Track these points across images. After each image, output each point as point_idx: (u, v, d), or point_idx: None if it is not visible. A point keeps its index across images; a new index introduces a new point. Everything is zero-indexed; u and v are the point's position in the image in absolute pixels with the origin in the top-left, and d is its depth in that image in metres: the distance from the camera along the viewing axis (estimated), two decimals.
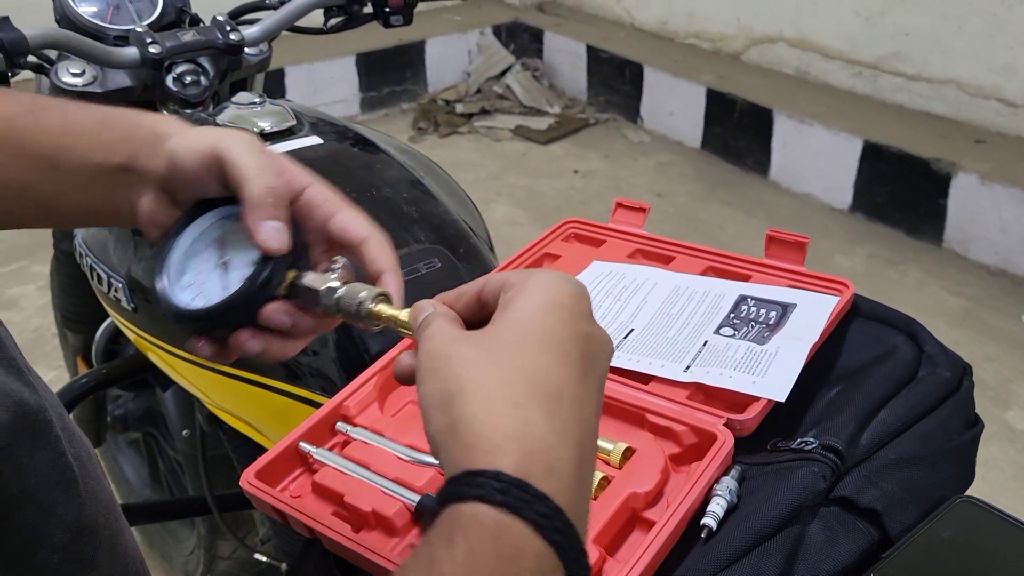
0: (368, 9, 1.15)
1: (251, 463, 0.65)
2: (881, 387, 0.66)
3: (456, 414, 0.38)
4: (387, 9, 1.13)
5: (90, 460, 0.43)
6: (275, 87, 3.45)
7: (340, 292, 0.51)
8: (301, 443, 0.68)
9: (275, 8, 1.13)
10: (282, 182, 0.51)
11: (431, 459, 0.65)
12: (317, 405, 0.81)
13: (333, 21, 1.16)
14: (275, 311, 0.51)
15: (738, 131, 3.24)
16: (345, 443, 0.70)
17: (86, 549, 0.37)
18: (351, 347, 0.80)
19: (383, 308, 0.51)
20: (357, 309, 0.50)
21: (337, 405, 0.71)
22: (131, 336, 1.01)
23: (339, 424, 0.70)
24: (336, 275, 0.52)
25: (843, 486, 0.59)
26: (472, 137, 3.58)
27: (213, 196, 0.53)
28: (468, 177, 3.21)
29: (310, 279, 0.52)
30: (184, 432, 1.20)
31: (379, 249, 0.53)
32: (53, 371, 2.10)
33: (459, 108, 3.73)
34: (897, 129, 2.90)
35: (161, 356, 0.97)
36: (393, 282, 0.53)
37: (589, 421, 0.41)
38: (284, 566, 1.08)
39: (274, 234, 0.49)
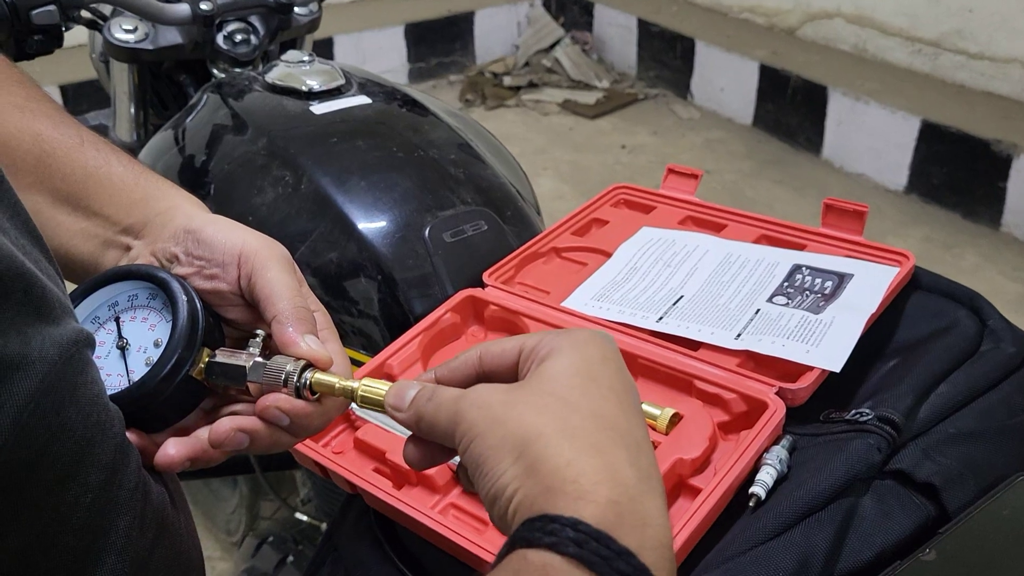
0: None
1: None
2: (941, 360, 0.64)
3: (535, 455, 0.35)
4: None
5: None
6: (323, 55, 3.44)
7: (269, 364, 0.45)
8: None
9: None
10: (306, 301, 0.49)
11: None
12: (359, 364, 0.81)
13: None
14: (229, 431, 0.44)
15: (791, 108, 3.17)
16: None
17: (119, 492, 0.36)
18: (395, 307, 0.80)
19: (320, 377, 0.45)
20: (287, 378, 0.45)
21: (380, 363, 0.70)
22: None
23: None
24: (256, 348, 0.47)
25: (899, 459, 0.57)
26: (519, 110, 3.55)
27: (206, 281, 0.49)
28: (514, 151, 3.16)
29: (229, 355, 0.46)
30: None
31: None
32: None
33: (507, 81, 3.70)
34: (957, 109, 2.82)
35: None
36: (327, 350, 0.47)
37: (658, 472, 0.38)
38: (325, 526, 1.08)
39: (317, 346, 0.46)
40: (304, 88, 0.94)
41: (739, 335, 0.67)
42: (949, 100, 2.89)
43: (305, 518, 1.09)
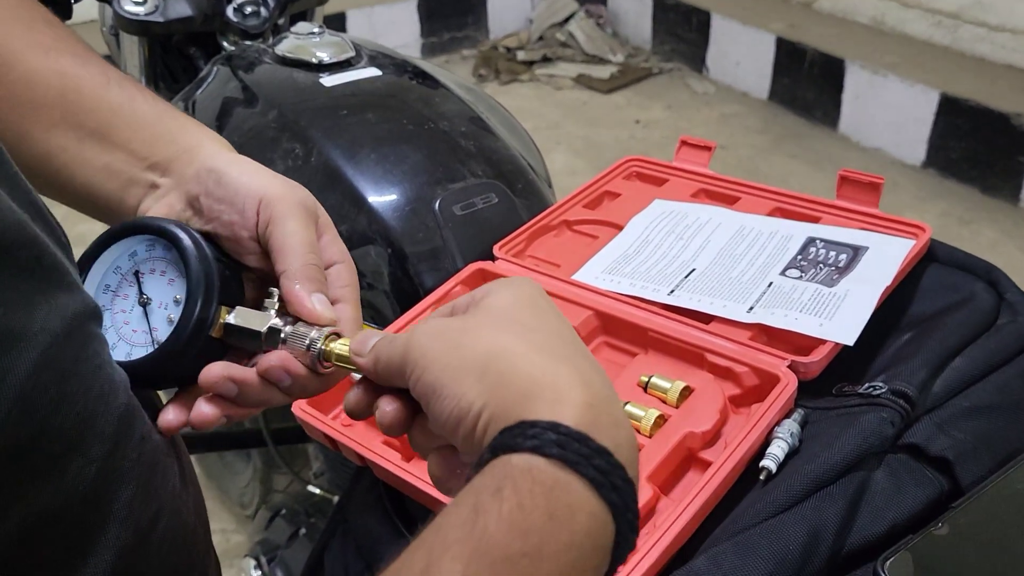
0: None
1: None
2: (957, 334, 0.63)
3: (504, 368, 0.35)
4: None
5: None
6: (335, 30, 3.43)
7: (287, 331, 0.44)
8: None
9: None
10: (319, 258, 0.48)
11: None
12: None
13: None
14: (219, 378, 0.43)
15: (808, 82, 3.13)
16: None
17: (123, 463, 0.36)
18: (405, 280, 0.79)
19: (337, 347, 0.44)
20: (307, 349, 0.44)
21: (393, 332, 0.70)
22: None
23: None
24: (274, 310, 0.45)
25: (912, 433, 0.56)
26: (533, 85, 3.53)
27: (225, 227, 0.47)
28: (528, 125, 3.14)
29: (245, 317, 0.45)
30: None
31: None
32: None
33: (520, 55, 3.67)
34: (976, 82, 2.78)
35: None
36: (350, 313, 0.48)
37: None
38: (337, 499, 1.09)
39: (323, 307, 0.45)
40: (314, 60, 0.94)
41: (751, 308, 0.66)
42: (969, 73, 2.85)
43: (317, 491, 1.10)
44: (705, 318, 0.67)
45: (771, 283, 0.69)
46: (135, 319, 0.45)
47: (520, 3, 3.89)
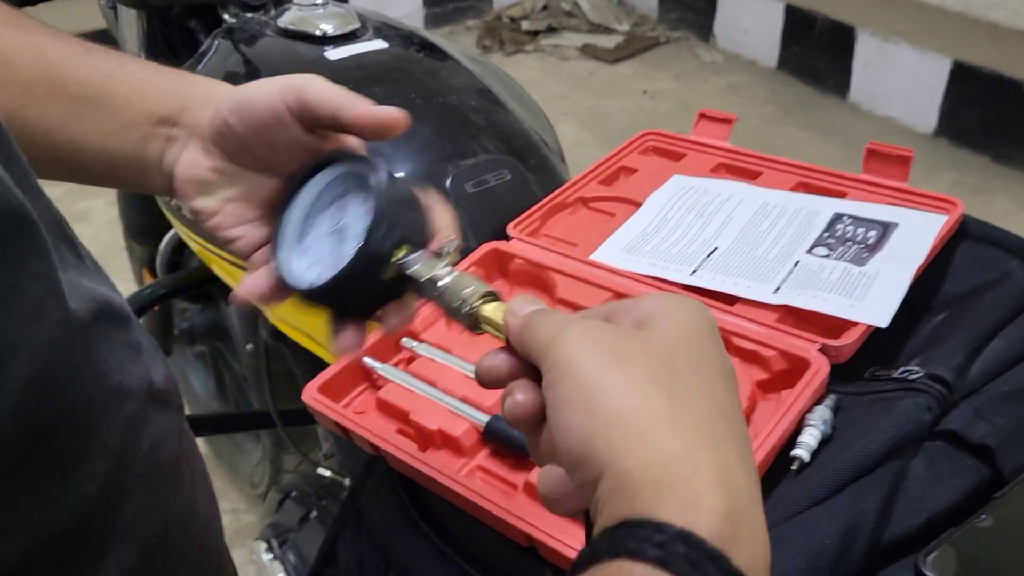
0: None
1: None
2: (993, 314, 0.60)
3: (638, 430, 0.30)
4: None
5: None
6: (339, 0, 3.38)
7: (444, 282, 0.43)
8: (365, 358, 0.65)
9: None
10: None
11: None
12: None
13: None
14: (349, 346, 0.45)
15: (817, 50, 3.08)
16: (411, 359, 0.67)
17: (128, 478, 0.34)
18: None
19: (489, 311, 0.41)
20: (458, 307, 0.42)
21: None
22: (194, 247, 0.99)
23: (404, 340, 0.67)
24: (446, 260, 0.44)
25: (950, 419, 0.54)
26: (538, 56, 3.48)
27: (291, 140, 0.47)
28: (534, 97, 3.13)
29: (417, 263, 0.44)
30: (248, 346, 1.19)
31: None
32: (122, 284, 2.12)
33: (525, 25, 3.61)
34: (990, 49, 2.72)
35: (224, 267, 0.94)
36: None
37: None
38: (347, 481, 1.07)
39: (389, 113, 0.46)
40: (318, 32, 0.90)
41: (778, 288, 0.64)
42: (981, 40, 2.79)
43: (328, 473, 1.08)
44: (729, 299, 0.64)
45: (798, 262, 0.67)
46: (329, 245, 0.46)
47: None
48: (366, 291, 0.44)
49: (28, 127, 0.46)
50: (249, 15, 1.03)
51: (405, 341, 0.67)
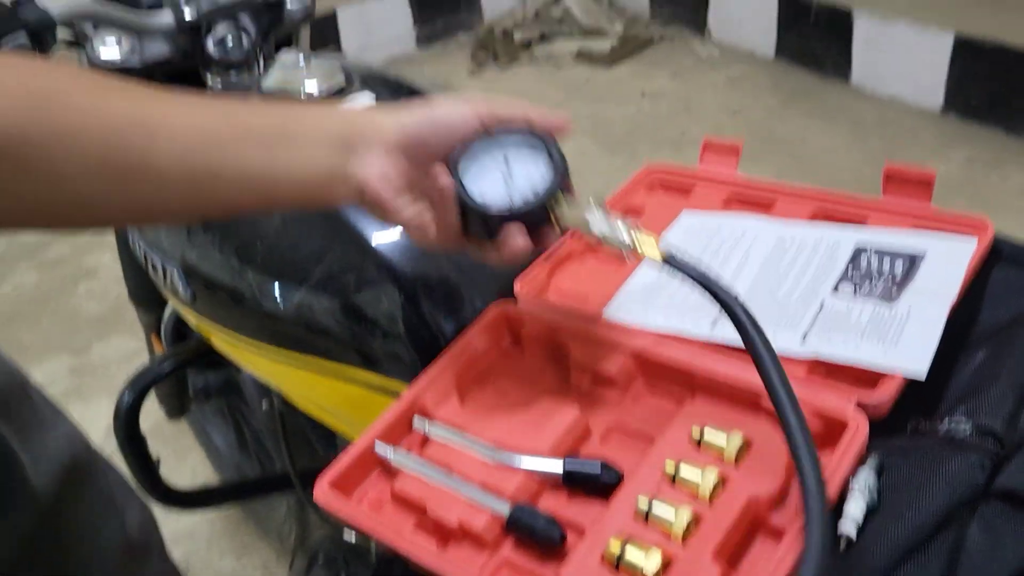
0: None
1: (329, 443, 0.60)
2: None
3: None
4: None
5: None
6: (328, 30, 3.36)
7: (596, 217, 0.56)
8: (377, 443, 0.62)
9: None
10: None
11: (518, 460, 0.58)
12: (392, 392, 0.75)
13: None
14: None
15: (814, 35, 3.03)
16: (424, 441, 0.63)
17: None
18: (422, 327, 0.74)
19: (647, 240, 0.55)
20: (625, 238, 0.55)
21: (413, 398, 0.65)
22: (192, 322, 0.97)
23: (416, 420, 0.64)
24: (594, 202, 0.57)
25: (1005, 477, 0.50)
26: (533, 66, 3.44)
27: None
28: None
29: (574, 207, 0.57)
30: (263, 405, 1.17)
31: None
32: (134, 341, 2.11)
33: (517, 36, 3.58)
34: (992, 19, 2.67)
35: (226, 343, 0.92)
36: None
37: None
38: (373, 545, 1.04)
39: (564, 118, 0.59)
40: (303, 93, 0.87)
41: (805, 336, 0.60)
42: (983, 11, 2.74)
43: (353, 539, 1.05)
44: None
45: (823, 303, 0.63)
46: (496, 184, 0.58)
47: None
48: (532, 219, 0.57)
49: (230, 175, 0.53)
50: (233, 77, 1.00)
51: (417, 421, 0.64)
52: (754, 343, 0.50)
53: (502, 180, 0.57)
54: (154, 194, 0.52)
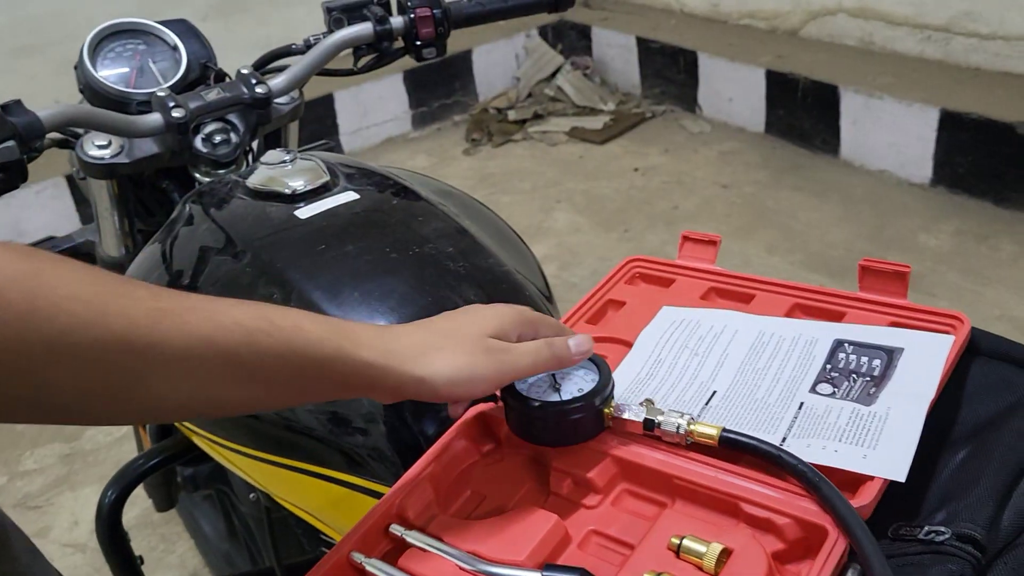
0: (399, 44, 1.08)
1: (315, 538, 0.59)
2: (1019, 447, 0.56)
3: None
4: (418, 43, 1.06)
5: None
6: (325, 112, 3.43)
7: (659, 419, 0.61)
8: (353, 553, 0.61)
9: (302, 53, 1.07)
10: None
11: (496, 569, 0.57)
12: (374, 492, 0.74)
13: (363, 60, 1.09)
14: None
15: (803, 111, 3.09)
16: (402, 546, 0.62)
17: None
18: (403, 429, 0.73)
19: (699, 427, 0.60)
20: (676, 431, 0.61)
21: (390, 504, 0.64)
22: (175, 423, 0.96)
23: (393, 526, 0.63)
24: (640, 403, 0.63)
25: None
26: (527, 144, 3.50)
27: None
28: (525, 186, 3.13)
29: (623, 409, 0.63)
30: (251, 496, 1.16)
31: None
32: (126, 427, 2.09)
33: (511, 115, 3.65)
34: (975, 93, 2.72)
35: (208, 446, 0.91)
36: None
37: None
38: None
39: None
40: (287, 191, 0.89)
41: (784, 439, 0.60)
42: (966, 85, 2.80)
43: None
44: (736, 455, 0.60)
45: (802, 403, 0.63)
46: (546, 388, 0.65)
47: (505, 62, 3.88)
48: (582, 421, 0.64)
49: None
50: (220, 173, 1.02)
51: (394, 528, 0.63)
52: (837, 509, 0.52)
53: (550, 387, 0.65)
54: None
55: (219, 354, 0.50)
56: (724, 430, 0.58)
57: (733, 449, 0.58)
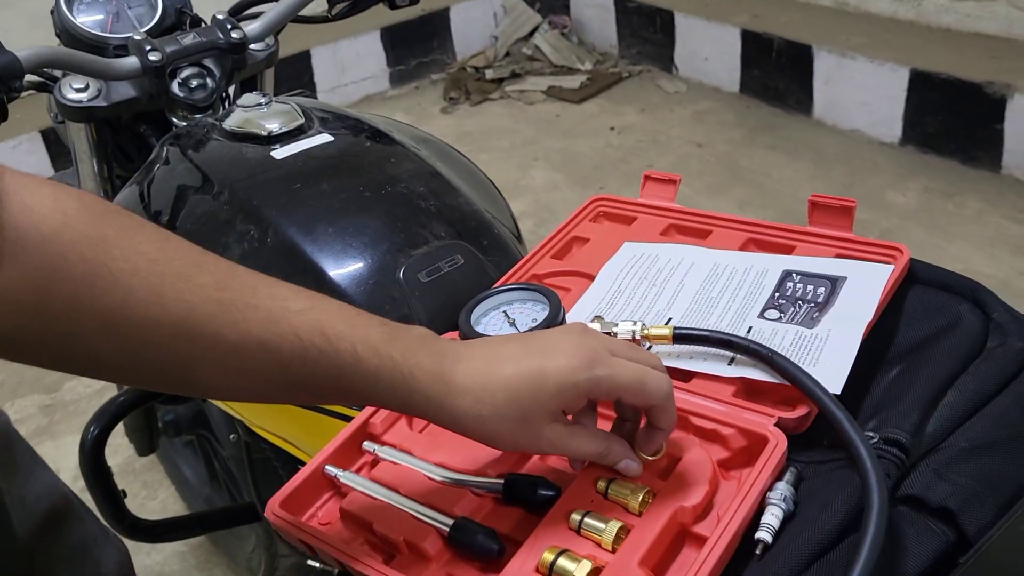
0: None
1: (294, 470, 0.62)
2: (946, 364, 0.60)
3: None
4: None
5: None
6: (302, 69, 3.41)
7: None
8: (327, 466, 0.65)
9: (277, 0, 1.09)
10: None
11: (464, 477, 0.61)
12: (346, 417, 0.78)
13: (338, 7, 1.11)
14: None
15: (777, 71, 3.12)
16: (374, 462, 0.66)
17: None
18: None
19: None
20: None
21: (363, 423, 0.68)
22: None
23: (366, 443, 0.67)
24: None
25: (910, 483, 0.54)
26: (504, 103, 3.51)
27: None
28: (503, 144, 3.15)
29: None
30: (231, 436, 1.19)
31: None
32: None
33: (489, 74, 3.65)
34: (945, 54, 2.76)
35: None
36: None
37: None
38: (337, 571, 1.06)
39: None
40: (263, 133, 0.91)
41: (732, 359, 0.64)
42: (936, 46, 2.83)
43: (317, 564, 1.07)
44: (686, 375, 0.64)
45: (750, 328, 0.67)
46: (502, 324, 0.71)
47: (483, 21, 3.87)
48: None
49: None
50: (197, 117, 1.04)
51: (367, 445, 0.67)
52: (788, 372, 0.57)
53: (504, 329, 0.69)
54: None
55: (271, 360, 0.49)
56: (676, 328, 0.62)
57: (686, 343, 0.62)
